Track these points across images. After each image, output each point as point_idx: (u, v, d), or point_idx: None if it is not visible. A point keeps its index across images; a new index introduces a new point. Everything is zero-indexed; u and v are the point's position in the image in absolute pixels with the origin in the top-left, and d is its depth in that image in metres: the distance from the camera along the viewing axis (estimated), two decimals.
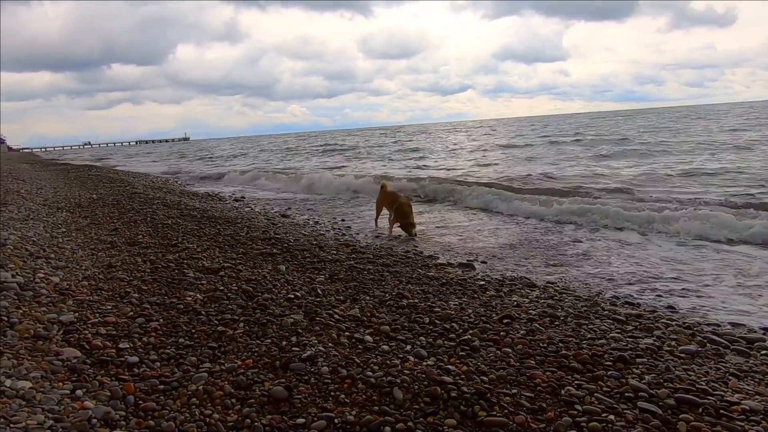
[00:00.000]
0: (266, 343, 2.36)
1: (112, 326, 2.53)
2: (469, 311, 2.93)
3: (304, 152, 28.67)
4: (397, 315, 2.85)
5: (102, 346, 2.25)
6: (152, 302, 2.96)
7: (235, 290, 3.22)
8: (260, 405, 1.81)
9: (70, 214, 6.70)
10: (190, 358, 2.20)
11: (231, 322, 2.66)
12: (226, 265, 3.92)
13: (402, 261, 4.42)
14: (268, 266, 3.97)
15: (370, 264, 4.18)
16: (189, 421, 1.69)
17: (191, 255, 4.28)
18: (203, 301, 3.01)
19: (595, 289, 3.65)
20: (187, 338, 2.44)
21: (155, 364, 2.14)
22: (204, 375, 2.02)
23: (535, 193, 8.22)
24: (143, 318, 2.68)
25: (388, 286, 3.47)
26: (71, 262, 3.80)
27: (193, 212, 6.90)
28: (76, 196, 9.06)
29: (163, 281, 3.46)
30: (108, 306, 2.87)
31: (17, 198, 7.64)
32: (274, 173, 14.67)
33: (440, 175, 11.76)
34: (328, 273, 3.81)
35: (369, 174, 12.27)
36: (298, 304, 2.98)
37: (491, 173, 12.33)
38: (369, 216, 7.31)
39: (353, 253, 4.66)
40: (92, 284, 3.30)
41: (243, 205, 8.69)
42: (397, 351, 2.30)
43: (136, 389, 1.88)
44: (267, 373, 2.07)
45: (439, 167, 14.80)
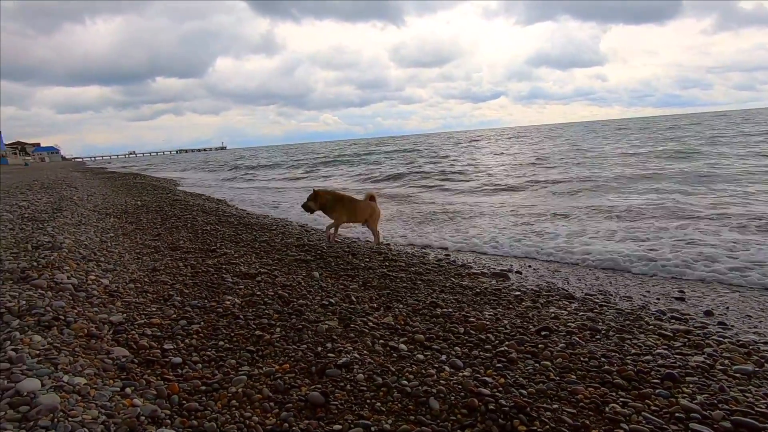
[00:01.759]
0: (302, 349, 2.39)
1: (157, 327, 2.64)
2: (504, 322, 2.87)
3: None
4: (431, 324, 2.82)
5: (148, 346, 2.35)
6: (193, 305, 3.07)
7: (271, 295, 3.29)
8: (298, 409, 1.83)
9: (118, 220, 7.07)
10: (230, 361, 2.26)
11: (268, 326, 2.72)
12: (262, 270, 4.02)
13: (435, 270, 4.39)
14: (303, 272, 4.04)
15: (402, 272, 4.18)
16: (230, 423, 1.73)
17: (229, 260, 4.41)
18: (241, 306, 3.10)
19: (638, 302, 3.50)
20: (226, 341, 2.52)
21: (197, 366, 2.22)
22: (243, 378, 2.07)
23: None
24: (185, 320, 2.78)
25: (422, 295, 3.45)
26: (119, 266, 4.00)
27: (230, 219, 7.13)
28: (123, 203, 9.56)
29: (204, 285, 3.58)
30: (153, 308, 3.00)
31: (70, 204, 8.14)
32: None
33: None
34: (362, 280, 3.83)
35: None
36: (333, 310, 3.01)
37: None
38: (400, 225, 7.32)
39: (385, 261, 4.67)
40: (138, 287, 3.47)
41: (277, 212, 8.90)
42: (432, 360, 2.28)
43: (180, 389, 1.95)
44: (303, 378, 2.10)
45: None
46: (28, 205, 7.80)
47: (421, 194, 11.63)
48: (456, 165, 17.97)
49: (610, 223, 6.36)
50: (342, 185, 15.53)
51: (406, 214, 8.40)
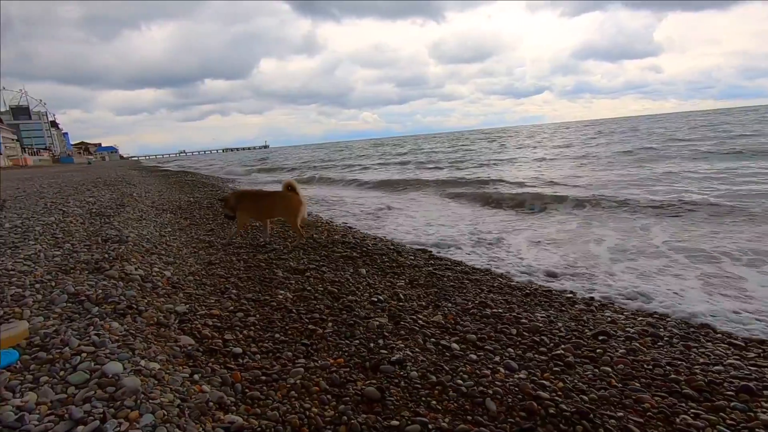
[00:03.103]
0: (355, 344, 2.44)
1: (217, 318, 2.77)
2: (558, 325, 2.79)
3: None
4: (481, 324, 2.79)
5: (210, 336, 2.48)
6: (249, 298, 3.20)
7: (321, 291, 3.37)
8: (355, 403, 1.87)
9: (174, 216, 7.47)
10: (286, 353, 2.34)
11: (320, 321, 2.79)
12: (310, 266, 4.12)
13: (481, 269, 4.33)
14: (350, 269, 4.10)
15: (448, 271, 4.15)
16: (290, 413, 1.79)
17: (279, 256, 4.56)
18: (293, 300, 3.19)
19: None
20: (281, 334, 2.61)
21: (256, 357, 2.31)
22: (300, 370, 2.14)
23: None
24: (242, 313, 2.90)
25: (470, 294, 3.41)
26: (178, 259, 4.23)
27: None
28: (177, 199, 10.09)
29: (256, 279, 3.72)
30: (212, 300, 3.15)
31: (131, 200, 8.69)
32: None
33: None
34: (408, 278, 3.84)
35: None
36: (382, 307, 3.04)
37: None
38: (442, 223, 7.26)
39: (431, 259, 4.66)
40: (197, 279, 3.65)
41: (321, 208, 9.08)
42: (485, 361, 2.25)
43: (242, 378, 2.05)
44: (358, 373, 2.14)
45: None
46: (94, 201, 8.40)
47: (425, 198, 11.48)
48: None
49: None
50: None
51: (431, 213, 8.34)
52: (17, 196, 9.82)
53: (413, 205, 9.49)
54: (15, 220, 5.89)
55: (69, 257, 3.63)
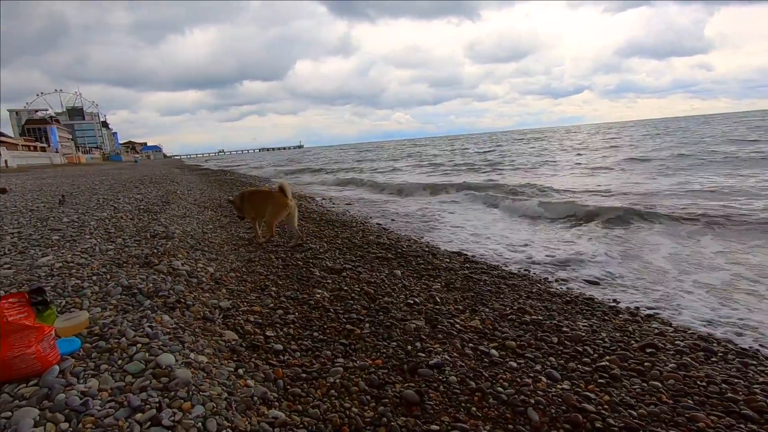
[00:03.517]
0: (392, 346, 2.45)
1: (258, 315, 2.85)
2: (602, 335, 2.69)
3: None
4: (520, 331, 2.73)
5: (252, 332, 2.56)
6: (287, 296, 3.28)
7: (357, 291, 3.41)
8: (394, 406, 1.88)
9: (214, 213, 7.75)
10: (325, 352, 2.38)
11: (357, 321, 2.81)
12: (346, 266, 4.17)
13: (519, 274, 4.24)
14: (385, 270, 4.12)
15: (485, 275, 4.09)
16: (331, 411, 1.82)
17: (315, 255, 4.64)
18: (330, 300, 3.24)
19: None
20: (320, 333, 2.65)
21: (296, 354, 2.37)
22: (339, 369, 2.17)
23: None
24: (282, 310, 2.97)
25: (507, 300, 3.35)
26: (220, 255, 4.39)
27: (313, 215, 7.49)
28: (217, 197, 10.46)
29: (294, 277, 3.80)
30: (252, 296, 3.25)
31: (175, 198, 9.08)
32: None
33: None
34: (444, 281, 3.82)
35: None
36: (418, 310, 3.03)
37: None
38: (480, 226, 7.16)
39: (466, 262, 4.61)
40: (238, 276, 3.77)
41: (353, 209, 9.17)
42: (526, 369, 2.21)
43: (284, 375, 2.10)
44: (396, 375, 2.15)
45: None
46: (142, 197, 8.84)
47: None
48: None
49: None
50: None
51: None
52: (73, 192, 10.48)
53: (463, 212, 9.28)
54: (72, 215, 6.29)
55: (121, 251, 3.84)
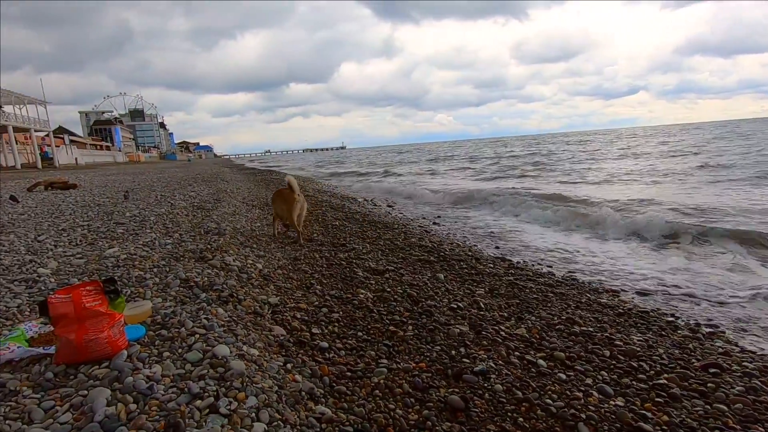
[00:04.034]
0: (436, 350, 2.44)
1: (304, 312, 2.93)
2: (659, 351, 2.54)
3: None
4: (569, 342, 2.64)
5: (299, 328, 2.63)
6: (332, 295, 3.35)
7: (400, 293, 3.42)
8: (438, 410, 1.87)
9: (261, 211, 8.04)
10: (369, 352, 2.41)
11: (401, 323, 2.82)
12: (389, 268, 4.20)
13: (566, 282, 4.09)
14: (427, 273, 4.11)
15: (530, 282, 3.98)
16: (376, 411, 1.84)
17: (358, 255, 4.70)
18: (373, 300, 3.27)
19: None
20: (364, 332, 2.69)
21: (341, 352, 2.41)
22: (383, 370, 2.19)
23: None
24: (326, 308, 3.04)
25: (555, 309, 3.24)
26: (267, 252, 4.55)
27: (356, 215, 7.59)
28: (264, 196, 10.84)
29: (338, 277, 3.87)
30: (298, 294, 3.34)
31: (225, 196, 9.51)
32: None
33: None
34: (488, 287, 3.75)
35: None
36: (462, 315, 3.00)
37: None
38: (522, 231, 6.97)
39: (511, 268, 4.51)
40: (285, 273, 3.90)
41: (394, 211, 9.19)
42: (576, 382, 2.13)
43: (330, 372, 2.15)
44: (440, 379, 2.14)
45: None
46: (195, 195, 9.33)
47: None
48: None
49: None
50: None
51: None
52: (134, 189, 11.23)
53: (528, 226, 9.14)
54: (134, 210, 6.74)
55: (178, 246, 4.08)
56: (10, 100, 37.35)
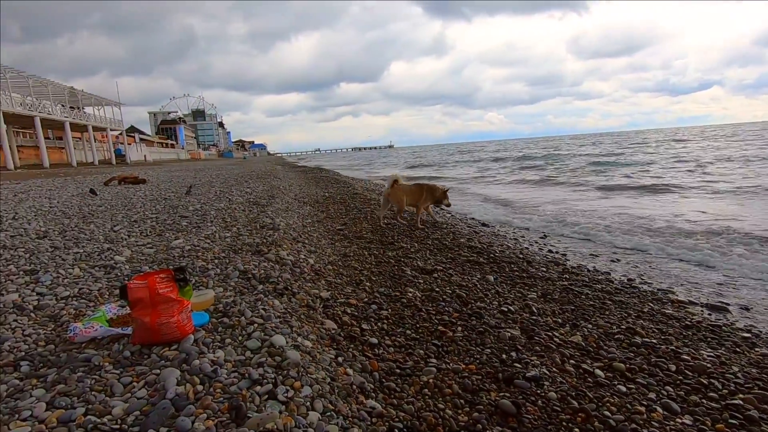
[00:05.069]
0: (486, 353, 2.40)
1: (354, 308, 2.99)
2: (733, 369, 2.34)
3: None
4: (630, 353, 2.49)
5: (349, 323, 2.69)
6: (381, 292, 3.38)
7: (449, 294, 3.39)
8: (489, 414, 1.84)
9: (312, 208, 8.27)
10: (418, 351, 2.41)
11: (450, 324, 2.81)
12: (437, 267, 4.18)
13: (626, 290, 3.86)
14: (476, 274, 4.04)
15: (586, 288, 3.80)
16: (425, 410, 1.85)
17: (406, 254, 4.72)
18: (422, 299, 3.27)
19: None
20: (412, 331, 2.70)
21: (390, 349, 2.44)
22: (432, 369, 2.18)
23: None
24: (376, 305, 3.08)
25: (614, 318, 3.08)
26: (318, 248, 4.68)
27: (404, 214, 7.60)
28: (314, 194, 11.14)
29: (387, 275, 3.91)
30: (348, 289, 3.42)
31: (278, 193, 9.88)
32: None
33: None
34: (540, 291, 3.63)
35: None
36: (513, 319, 2.93)
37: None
38: (573, 232, 6.66)
39: (565, 273, 4.32)
40: (335, 269, 3.99)
41: (441, 211, 9.10)
42: (637, 396, 2.01)
43: (379, 368, 2.18)
44: (490, 383, 2.10)
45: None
46: (251, 191, 9.77)
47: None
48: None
49: None
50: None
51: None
52: (195, 184, 11.95)
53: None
54: (196, 205, 7.19)
55: (236, 239, 4.30)
56: (90, 102, 41.03)
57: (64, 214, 6.50)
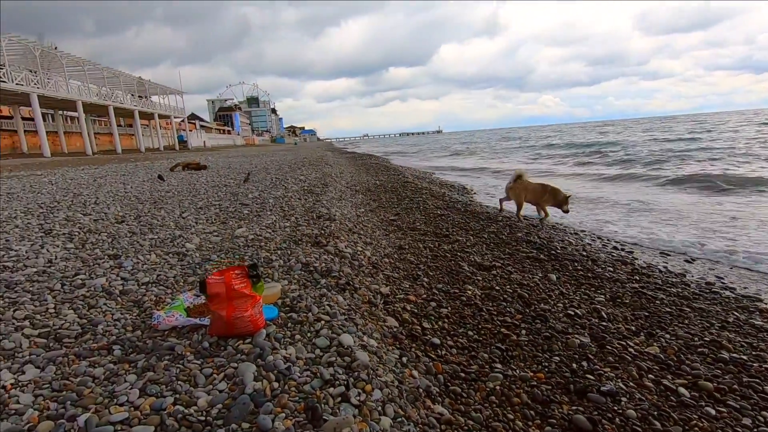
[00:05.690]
0: (555, 361, 2.30)
1: (413, 305, 2.98)
2: None
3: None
4: (716, 370, 2.29)
5: (410, 321, 2.68)
6: (439, 289, 3.35)
7: (510, 293, 3.29)
8: (562, 429, 1.77)
9: (364, 197, 8.34)
10: (482, 354, 2.36)
11: (513, 326, 2.72)
12: (496, 264, 4.06)
13: (705, 295, 3.55)
14: (538, 272, 3.89)
15: (660, 292, 3.54)
16: (493, 419, 1.81)
17: (462, 248, 4.63)
18: (481, 298, 3.20)
19: None
20: (474, 332, 2.64)
21: (452, 351, 2.41)
22: (498, 376, 2.13)
23: None
24: (435, 303, 3.05)
25: (695, 327, 2.84)
26: (374, 240, 4.71)
27: (457, 205, 7.47)
28: (365, 181, 11.22)
29: (444, 270, 3.86)
30: (406, 284, 3.41)
31: (331, 181, 10.04)
32: None
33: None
34: (609, 294, 3.42)
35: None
36: (581, 324, 2.79)
37: None
38: (644, 228, 6.21)
39: (634, 274, 4.05)
40: (391, 262, 4.00)
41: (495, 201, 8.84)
42: (730, 421, 1.84)
43: (443, 370, 2.16)
44: (561, 394, 2.01)
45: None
46: (304, 179, 10.00)
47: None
48: None
49: None
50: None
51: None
52: (252, 171, 12.43)
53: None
54: (255, 192, 7.47)
55: (296, 229, 4.41)
56: (155, 91, 43.73)
57: (138, 200, 7.00)
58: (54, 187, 9.25)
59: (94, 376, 1.77)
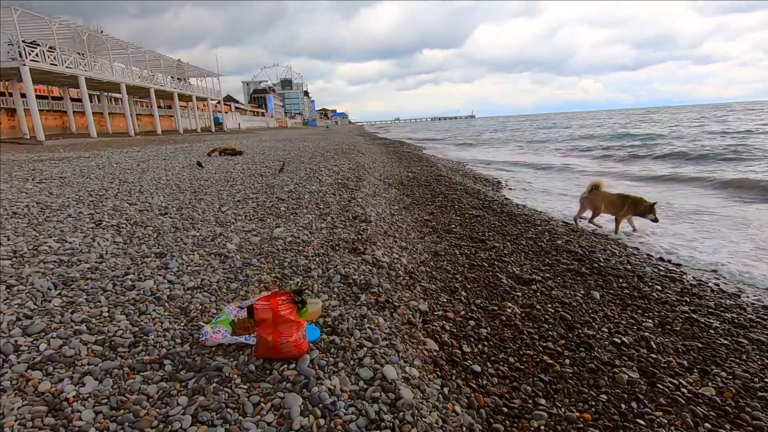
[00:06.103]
0: (602, 400, 2.22)
1: (452, 323, 2.94)
2: None
3: None
4: None
5: (449, 343, 2.65)
6: (477, 305, 3.29)
7: (551, 313, 3.19)
8: None
9: (398, 191, 8.28)
10: (525, 387, 2.31)
11: (555, 354, 2.64)
12: (535, 277, 3.95)
13: (764, 322, 3.33)
14: (580, 289, 3.75)
15: (713, 318, 3.34)
16: None
17: (500, 256, 4.52)
18: (521, 317, 3.12)
19: None
20: (515, 358, 2.58)
21: (493, 379, 2.36)
22: (543, 414, 2.07)
23: None
24: (473, 321, 3.00)
25: (754, 364, 2.67)
26: (409, 244, 4.67)
27: (493, 205, 7.30)
28: (397, 174, 11.15)
29: (481, 282, 3.79)
30: (443, 298, 3.37)
31: (364, 173, 10.02)
32: None
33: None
34: (657, 318, 3.27)
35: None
36: (629, 355, 2.67)
37: None
38: (688, 236, 5.88)
39: (684, 293, 3.84)
40: (427, 271, 3.96)
41: (530, 200, 8.59)
42: None
43: (485, 404, 2.12)
44: None
45: None
46: (338, 170, 10.03)
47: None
48: None
49: None
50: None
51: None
52: (286, 159, 12.57)
53: None
54: (290, 185, 7.55)
55: (332, 232, 4.43)
56: (193, 73, 44.71)
57: (179, 188, 7.22)
58: (101, 171, 9.68)
59: (148, 395, 1.84)
